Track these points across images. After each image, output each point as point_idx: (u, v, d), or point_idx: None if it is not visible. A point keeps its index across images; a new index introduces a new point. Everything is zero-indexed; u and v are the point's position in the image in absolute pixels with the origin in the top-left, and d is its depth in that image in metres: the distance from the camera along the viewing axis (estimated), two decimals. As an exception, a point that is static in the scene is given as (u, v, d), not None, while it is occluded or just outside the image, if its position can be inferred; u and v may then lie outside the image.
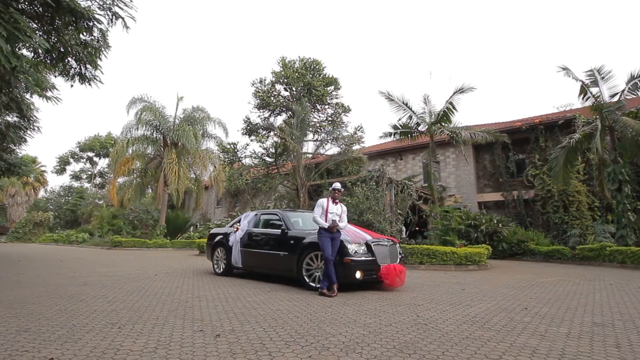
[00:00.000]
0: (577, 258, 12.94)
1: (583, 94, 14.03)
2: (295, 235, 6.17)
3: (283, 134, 13.36)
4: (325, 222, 5.31)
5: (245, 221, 7.43)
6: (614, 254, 11.46)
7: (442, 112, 13.80)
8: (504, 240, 14.75)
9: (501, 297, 5.24)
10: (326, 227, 5.28)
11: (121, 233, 27.32)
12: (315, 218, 5.39)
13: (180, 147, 23.74)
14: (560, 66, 14.18)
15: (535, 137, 17.96)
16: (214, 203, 34.80)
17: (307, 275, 5.73)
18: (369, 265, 5.53)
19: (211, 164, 24.29)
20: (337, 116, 19.03)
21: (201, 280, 6.87)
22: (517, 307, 4.49)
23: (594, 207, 16.32)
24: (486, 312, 4.17)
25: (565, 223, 16.39)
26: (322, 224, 5.31)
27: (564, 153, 13.67)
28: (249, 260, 7.06)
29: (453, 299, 5.04)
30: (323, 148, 16.59)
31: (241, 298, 4.90)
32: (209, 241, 8.44)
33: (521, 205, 18.18)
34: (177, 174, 22.12)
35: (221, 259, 7.79)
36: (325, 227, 5.28)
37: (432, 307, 4.41)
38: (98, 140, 46.65)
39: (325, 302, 4.66)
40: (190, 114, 23.39)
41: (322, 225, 5.31)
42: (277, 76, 19.20)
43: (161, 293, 5.24)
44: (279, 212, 6.97)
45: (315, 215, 5.41)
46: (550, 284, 6.83)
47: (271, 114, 20.35)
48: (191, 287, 5.85)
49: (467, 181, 19.95)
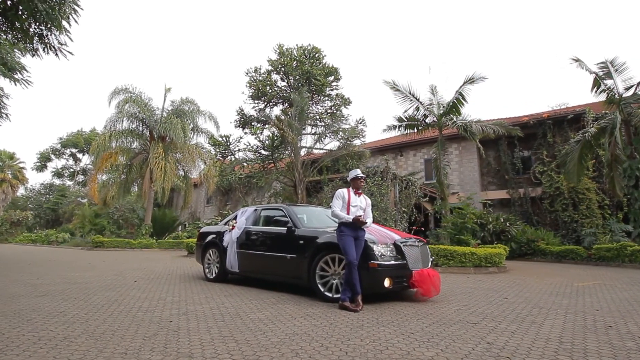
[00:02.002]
0: (593, 258, 12.19)
1: (596, 87, 13.27)
2: (306, 234, 5.09)
3: (281, 124, 12.24)
4: (349, 216, 4.27)
5: (243, 218, 6.33)
6: (636, 254, 10.69)
7: (452, 103, 12.85)
8: (513, 239, 13.96)
9: (559, 308, 4.26)
10: (350, 220, 4.24)
11: (104, 233, 25.85)
12: (335, 211, 4.33)
13: (167, 141, 22.41)
14: (573, 58, 13.42)
15: (543, 132, 17.21)
16: (203, 201, 33.52)
17: (322, 283, 4.66)
18: (400, 271, 4.49)
19: (201, 160, 23.00)
20: (336, 108, 17.96)
21: (190, 288, 5.74)
22: (597, 324, 3.51)
23: (603, 205, 15.62)
24: (564, 332, 3.18)
25: (575, 222, 15.67)
26: (345, 218, 4.26)
27: (579, 148, 12.90)
28: (247, 263, 5.97)
29: (506, 312, 4.05)
30: (322, 142, 15.52)
31: (242, 314, 3.81)
32: (199, 241, 7.31)
33: (528, 204, 17.41)
34: (164, 170, 20.77)
35: (213, 262, 6.68)
36: (349, 221, 4.24)
37: (493, 326, 3.39)
38: (81, 136, 44.71)
39: (352, 319, 3.61)
40: (178, 106, 22.06)
41: (345, 220, 4.26)
42: (273, 64, 18.00)
43: (138, 308, 4.11)
44: (283, 207, 5.88)
45: (335, 209, 4.35)
46: (595, 289, 5.91)
47: (267, 105, 19.16)
48: (177, 299, 4.73)
49: (470, 178, 19.13)
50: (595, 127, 12.88)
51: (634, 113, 12.10)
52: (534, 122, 17.15)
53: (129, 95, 20.76)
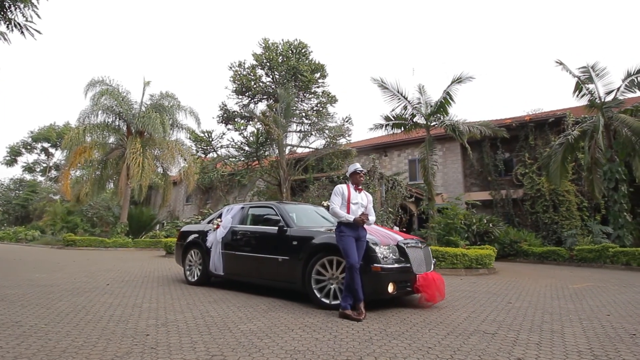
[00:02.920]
0: (574, 259, 12.33)
1: (578, 91, 13.45)
2: (300, 234, 4.68)
3: (267, 120, 11.75)
4: (350, 215, 3.88)
5: (229, 216, 5.85)
6: (618, 255, 10.84)
7: (439, 103, 12.72)
8: (496, 240, 13.99)
9: (570, 314, 4.03)
10: (351, 221, 3.86)
11: (76, 231, 24.55)
12: (335, 210, 3.93)
13: (146, 136, 21.44)
14: (557, 61, 13.56)
15: (525, 135, 17.41)
16: (182, 199, 32.52)
17: (318, 288, 4.25)
18: (404, 275, 4.15)
19: (181, 157, 22.14)
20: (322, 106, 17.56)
21: (169, 293, 5.22)
22: (617, 331, 3.27)
23: (582, 207, 15.92)
24: (591, 342, 2.91)
25: (555, 223, 15.90)
26: (345, 217, 3.87)
27: (562, 150, 13.04)
28: (233, 266, 5.50)
29: (518, 318, 3.77)
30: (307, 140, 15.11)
31: (230, 326, 3.36)
32: (179, 241, 6.77)
33: (509, 205, 17.58)
34: (142, 167, 19.81)
35: (195, 264, 6.17)
36: (350, 222, 3.86)
37: (514, 337, 3.09)
38: (54, 130, 42.59)
39: (357, 331, 3.23)
40: (158, 100, 21.13)
41: (345, 219, 3.88)
42: (258, 59, 17.38)
43: (109, 317, 3.59)
44: (274, 205, 5.45)
45: (334, 206, 3.94)
46: (592, 292, 5.77)
47: (251, 100, 18.52)
48: (155, 306, 4.22)
49: (454, 179, 19.18)
50: (577, 130, 13.04)
51: (615, 117, 12.30)
52: (516, 125, 17.32)
53: (105, 87, 19.73)
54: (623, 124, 11.60)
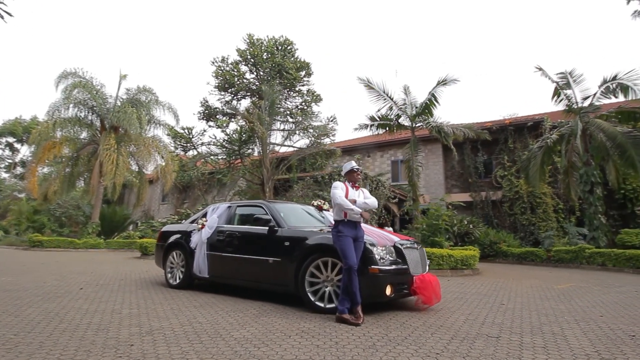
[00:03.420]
0: (552, 260, 12.68)
1: (557, 96, 13.87)
2: (293, 234, 4.48)
3: (251, 117, 11.44)
4: (356, 207, 3.75)
5: (215, 215, 5.57)
6: (594, 256, 11.21)
7: (424, 104, 12.82)
8: (477, 241, 14.24)
9: (565, 315, 4.02)
10: (357, 211, 3.73)
11: (43, 231, 23.28)
12: (341, 199, 3.73)
13: (121, 132, 20.59)
14: (537, 66, 13.94)
15: (504, 138, 17.84)
16: (158, 199, 31.52)
17: (312, 291, 4.07)
18: (401, 277, 4.03)
19: (158, 154, 21.38)
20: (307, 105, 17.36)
21: (150, 297, 4.90)
22: (616, 332, 3.26)
23: (558, 209, 16.45)
24: (595, 345, 2.87)
25: (532, 225, 16.35)
26: (351, 208, 3.72)
27: (541, 154, 13.40)
28: (219, 268, 5.23)
29: (516, 321, 3.72)
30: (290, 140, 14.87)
31: (222, 333, 3.13)
32: (160, 242, 6.42)
33: (489, 207, 17.97)
34: (116, 163, 19.00)
35: (177, 267, 5.85)
36: (357, 212, 3.74)
37: (518, 340, 3.01)
38: (20, 124, 40.32)
39: (358, 336, 3.07)
40: (135, 95, 20.33)
41: (352, 210, 3.73)
42: (242, 55, 16.99)
43: (87, 325, 3.28)
44: (263, 204, 5.22)
45: (338, 197, 3.76)
46: (577, 292, 5.87)
47: (234, 97, 18.08)
48: (136, 312, 3.92)
49: (435, 181, 19.43)
50: (556, 134, 13.44)
51: (591, 122, 12.74)
52: (496, 128, 17.72)
53: (78, 79, 18.79)
54: (599, 129, 12.02)
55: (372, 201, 3.95)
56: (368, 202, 3.91)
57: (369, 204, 3.90)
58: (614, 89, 11.91)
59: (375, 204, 3.97)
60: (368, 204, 3.90)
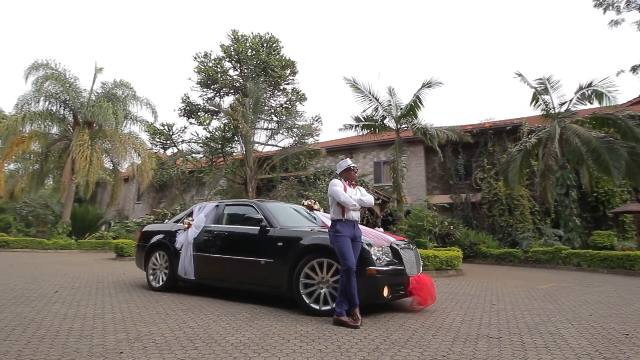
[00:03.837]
0: (529, 261, 13.06)
1: (535, 101, 14.32)
2: (286, 234, 4.34)
3: (235, 114, 11.18)
4: (355, 202, 3.71)
5: (201, 215, 5.36)
6: (570, 257, 11.60)
7: (409, 106, 12.93)
8: (457, 242, 14.48)
9: (556, 314, 4.08)
10: (358, 206, 3.72)
11: (9, 231, 22.01)
12: (342, 195, 3.67)
13: (95, 128, 19.77)
14: (516, 72, 14.33)
15: (484, 141, 18.26)
16: (133, 198, 30.52)
17: (307, 293, 3.95)
18: (398, 278, 3.97)
19: (135, 151, 20.62)
20: (292, 104, 17.17)
21: (132, 300, 4.64)
22: (610, 332, 3.31)
23: (534, 211, 16.98)
24: (593, 344, 2.89)
25: (510, 226, 16.81)
26: (354, 203, 3.68)
27: (520, 157, 13.78)
28: (206, 269, 5.02)
29: (511, 321, 3.74)
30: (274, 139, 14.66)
31: (217, 338, 2.96)
32: (141, 242, 6.12)
33: (468, 208, 18.34)
34: (90, 160, 18.20)
35: (160, 268, 5.58)
36: (358, 210, 3.74)
37: (519, 341, 3.00)
38: (-17, 118, 38.08)
39: (360, 339, 2.97)
40: (111, 89, 19.55)
41: (355, 205, 3.69)
42: (226, 51, 16.61)
43: (67, 331, 3.04)
44: (254, 203, 5.05)
45: (340, 194, 3.67)
46: (560, 292, 6.01)
47: (216, 94, 17.65)
48: (120, 316, 3.68)
49: (417, 182, 19.67)
50: (534, 138, 13.87)
51: (567, 127, 13.22)
52: (476, 131, 18.12)
53: (50, 71, 17.89)
54: (574, 134, 12.46)
55: (368, 198, 3.88)
56: (364, 199, 3.83)
57: (365, 201, 3.83)
58: (589, 95, 12.39)
59: (371, 201, 3.90)
60: (364, 201, 3.83)
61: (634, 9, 15.01)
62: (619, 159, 11.24)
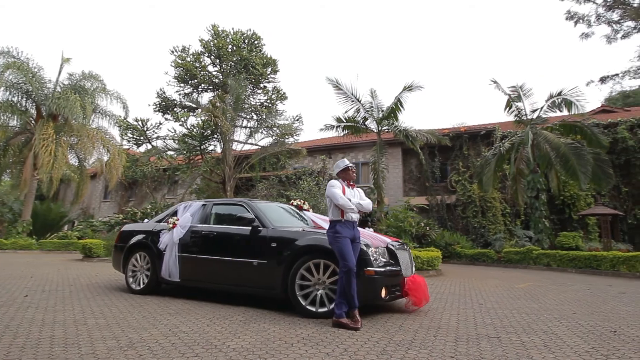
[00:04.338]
0: (502, 261, 13.54)
1: (509, 107, 14.89)
2: (280, 235, 4.23)
3: (216, 110, 10.86)
4: (353, 206, 3.66)
5: (187, 214, 5.14)
6: (540, 257, 12.12)
7: (391, 109, 13.10)
8: (433, 243, 14.80)
9: (542, 313, 4.21)
10: (356, 211, 3.67)
11: (-39, 230, 20.41)
12: (341, 198, 3.61)
13: (60, 121, 18.70)
14: (492, 79, 14.85)
15: (459, 145, 18.79)
16: (100, 196, 29.12)
17: (303, 295, 3.86)
18: (395, 279, 3.96)
19: (103, 147, 19.64)
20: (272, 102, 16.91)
21: (114, 304, 4.36)
22: (598, 329, 3.45)
23: (505, 213, 17.66)
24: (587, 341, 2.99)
25: (483, 227, 17.38)
26: (352, 207, 3.64)
27: (495, 160, 14.28)
28: (192, 271, 4.81)
29: (503, 320, 3.81)
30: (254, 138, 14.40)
31: (215, 343, 2.82)
32: (119, 243, 5.80)
33: (444, 210, 18.81)
34: (54, 155, 17.18)
35: (141, 270, 5.31)
36: (357, 212, 3.69)
37: (518, 340, 3.06)
38: None
39: (364, 341, 2.92)
40: (79, 81, 18.55)
41: (353, 209, 3.64)
42: (206, 46, 16.10)
43: (49, 339, 2.79)
44: (245, 202, 4.89)
45: (339, 197, 3.61)
46: (539, 291, 6.25)
47: (194, 90, 17.09)
48: (104, 322, 3.44)
49: (394, 184, 19.94)
50: (508, 142, 14.42)
51: (538, 133, 13.84)
52: (452, 135, 18.63)
53: (12, 60, 16.74)
54: (545, 140, 13.06)
55: (367, 203, 3.84)
56: (363, 203, 3.80)
57: (363, 205, 3.79)
58: (559, 103, 13.01)
59: (370, 206, 3.86)
60: (363, 206, 3.79)
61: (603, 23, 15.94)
62: (585, 164, 11.89)
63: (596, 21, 16.71)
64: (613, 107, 21.31)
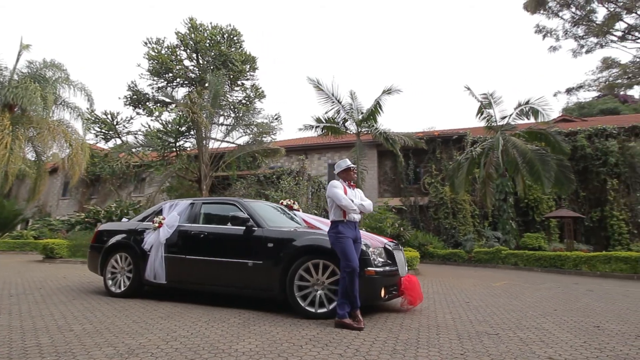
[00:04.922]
0: (472, 260, 14.09)
1: (480, 113, 15.53)
2: (277, 235, 4.14)
3: (193, 106, 10.51)
4: (356, 206, 3.65)
5: (174, 213, 4.92)
6: (509, 257, 12.73)
7: (370, 111, 13.28)
8: (407, 243, 15.15)
9: (526, 310, 4.41)
10: (358, 212, 3.66)
11: None
12: (344, 199, 3.58)
13: (17, 112, 17.39)
14: (465, 86, 15.39)
15: (433, 148, 19.37)
16: (58, 193, 27.40)
17: (301, 295, 3.80)
18: (393, 279, 3.99)
19: (65, 141, 18.44)
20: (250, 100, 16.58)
21: (95, 308, 4.10)
22: (582, 324, 3.65)
23: (474, 215, 18.40)
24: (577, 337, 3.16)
25: (454, 228, 18.00)
26: (355, 209, 3.62)
27: (467, 164, 14.84)
28: (180, 272, 4.62)
29: (495, 318, 3.95)
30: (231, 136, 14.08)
31: (221, 347, 2.71)
32: (96, 243, 5.47)
33: (417, 211, 19.30)
34: (10, 149, 15.95)
35: (122, 272, 5.02)
36: (358, 212, 3.68)
37: (515, 336, 3.17)
38: None
39: (371, 341, 2.92)
40: (39, 69, 17.33)
41: (355, 210, 3.62)
42: (182, 39, 15.49)
43: (36, 347, 2.57)
44: (238, 201, 4.76)
45: (342, 198, 3.57)
46: (516, 289, 6.55)
47: (168, 84, 16.42)
48: (91, 327, 3.21)
49: (370, 185, 20.18)
50: (479, 147, 15.02)
51: (507, 139, 14.53)
52: (426, 139, 19.17)
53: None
54: (513, 145, 13.73)
55: (368, 204, 3.85)
56: (365, 204, 3.80)
57: (365, 206, 3.80)
58: (527, 111, 13.73)
59: (371, 207, 3.87)
60: (365, 206, 3.79)
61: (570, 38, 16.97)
62: (549, 169, 12.62)
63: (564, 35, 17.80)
64: (572, 117, 22.80)
